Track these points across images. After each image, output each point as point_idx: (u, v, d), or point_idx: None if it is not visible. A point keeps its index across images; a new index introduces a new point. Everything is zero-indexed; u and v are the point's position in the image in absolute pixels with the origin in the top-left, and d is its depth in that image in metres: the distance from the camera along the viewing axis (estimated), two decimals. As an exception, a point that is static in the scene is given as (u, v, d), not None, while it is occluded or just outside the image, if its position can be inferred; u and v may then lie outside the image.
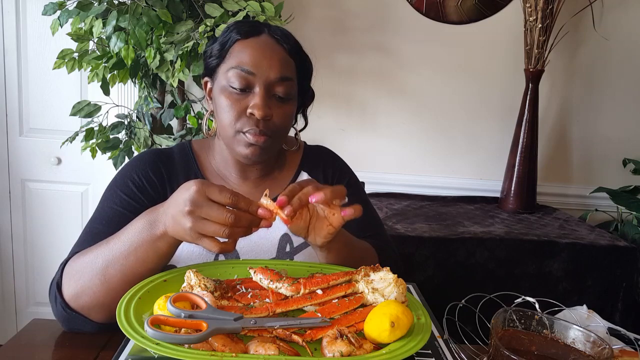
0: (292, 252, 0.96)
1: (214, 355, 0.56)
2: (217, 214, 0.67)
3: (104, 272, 0.75)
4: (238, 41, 0.91)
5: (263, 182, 1.01)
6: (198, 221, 0.68)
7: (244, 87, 0.88)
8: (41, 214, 2.26)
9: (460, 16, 2.11)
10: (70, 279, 0.78)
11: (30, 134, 2.21)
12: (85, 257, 0.78)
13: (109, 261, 0.76)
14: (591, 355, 0.62)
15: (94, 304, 0.77)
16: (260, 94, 0.88)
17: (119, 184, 0.95)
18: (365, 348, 0.62)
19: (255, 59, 0.89)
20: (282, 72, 0.90)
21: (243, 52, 0.89)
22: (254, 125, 0.88)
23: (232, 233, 0.69)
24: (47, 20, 1.73)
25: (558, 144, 2.23)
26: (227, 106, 0.89)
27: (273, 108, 0.89)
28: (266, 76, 0.88)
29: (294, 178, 1.03)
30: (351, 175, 1.10)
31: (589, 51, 2.15)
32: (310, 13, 2.10)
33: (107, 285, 0.75)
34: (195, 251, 0.92)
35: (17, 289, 2.32)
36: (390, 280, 0.71)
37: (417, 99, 2.18)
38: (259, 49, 0.90)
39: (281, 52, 0.91)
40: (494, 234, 1.75)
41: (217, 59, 0.93)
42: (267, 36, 0.92)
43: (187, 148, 1.02)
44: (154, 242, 0.74)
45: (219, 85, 0.92)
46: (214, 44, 0.94)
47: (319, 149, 1.11)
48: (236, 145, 0.91)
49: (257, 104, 0.87)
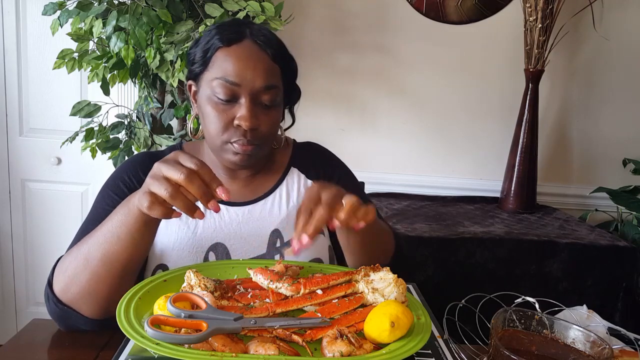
0: (282, 247, 0.96)
1: (214, 355, 0.56)
2: (172, 170, 0.66)
3: (86, 257, 0.76)
4: (220, 49, 0.89)
5: (252, 181, 1.01)
6: (154, 177, 0.68)
7: (229, 98, 0.88)
8: (41, 214, 2.26)
9: (460, 16, 2.11)
10: (59, 273, 0.80)
11: (30, 134, 2.21)
12: (74, 249, 0.80)
13: (90, 245, 0.77)
14: (591, 355, 0.62)
15: (81, 293, 0.77)
16: (246, 104, 0.87)
17: (110, 185, 0.96)
18: (365, 348, 0.62)
19: (240, 70, 0.87)
20: (267, 80, 0.88)
21: (226, 62, 0.87)
22: (241, 136, 0.88)
23: (174, 194, 0.66)
24: (47, 20, 1.73)
25: (558, 144, 2.23)
26: (213, 117, 0.88)
27: (259, 116, 0.89)
28: (251, 86, 0.87)
29: (283, 175, 1.03)
30: (341, 167, 1.10)
31: (589, 51, 2.15)
32: (310, 13, 2.10)
33: (90, 269, 0.76)
34: (185, 249, 0.92)
35: (17, 289, 2.32)
36: (390, 280, 0.71)
37: (417, 99, 2.18)
38: (243, 59, 0.87)
39: (265, 59, 0.89)
40: (494, 234, 1.75)
41: (201, 66, 0.91)
42: (249, 42, 0.89)
43: (178, 150, 1.02)
44: (125, 217, 0.74)
45: (204, 94, 0.91)
46: (197, 48, 0.92)
47: (308, 145, 1.11)
48: (224, 154, 0.91)
49: (244, 115, 0.86)
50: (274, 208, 0.99)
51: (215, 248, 0.94)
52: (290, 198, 1.01)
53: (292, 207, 1.00)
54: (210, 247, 0.94)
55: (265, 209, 0.99)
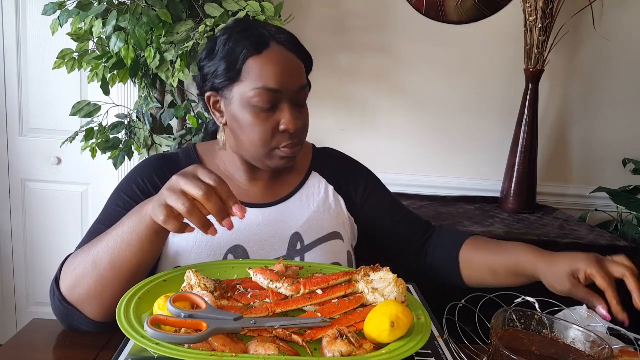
0: (303, 250, 0.95)
1: (214, 355, 0.56)
2: (191, 186, 0.67)
3: (95, 259, 0.77)
4: (251, 58, 0.88)
5: (273, 184, 1.01)
6: (171, 191, 0.68)
7: (271, 106, 0.88)
8: (41, 214, 2.26)
9: (460, 16, 2.11)
10: (67, 272, 0.80)
11: (30, 134, 2.21)
12: (84, 250, 0.80)
13: (100, 248, 0.77)
14: (591, 355, 0.62)
15: (87, 295, 0.77)
16: (288, 109, 0.89)
17: (123, 187, 0.96)
18: (365, 348, 0.62)
19: (278, 77, 0.87)
20: (301, 80, 0.91)
21: (263, 71, 0.87)
22: (289, 140, 0.90)
23: (191, 210, 0.67)
24: (47, 20, 1.73)
25: (558, 144, 2.23)
26: (256, 125, 0.88)
27: (299, 117, 0.91)
28: (291, 90, 0.89)
29: (305, 179, 1.03)
30: (367, 173, 1.12)
31: (589, 51, 2.15)
32: (310, 13, 2.10)
33: (98, 272, 0.76)
34: (203, 251, 0.92)
35: (17, 289, 2.32)
36: (390, 280, 0.71)
37: (417, 99, 2.18)
38: (277, 64, 0.88)
39: (294, 60, 0.91)
40: (494, 234, 1.74)
41: (229, 79, 0.89)
42: (276, 45, 0.89)
43: (192, 152, 1.02)
44: (137, 225, 0.75)
45: (239, 104, 0.89)
46: (215, 61, 0.91)
47: (327, 150, 1.12)
48: (269, 160, 0.92)
49: (289, 119, 0.88)
50: (295, 211, 0.98)
51: (235, 250, 0.92)
52: (310, 201, 1.00)
53: (313, 212, 0.99)
54: (230, 249, 0.92)
55: (287, 212, 0.98)
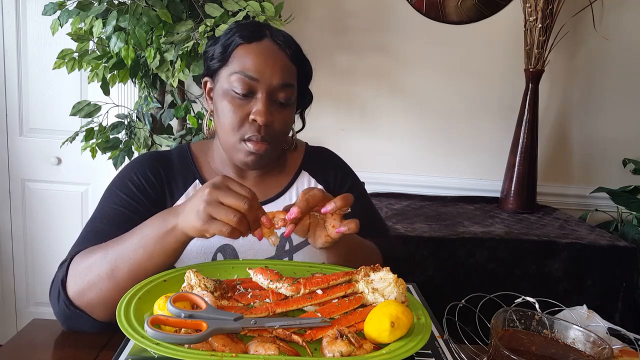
0: (291, 250, 0.96)
1: (214, 355, 0.56)
2: (234, 199, 0.70)
3: (113, 267, 0.76)
4: (241, 45, 0.91)
5: (262, 182, 1.01)
6: (213, 204, 0.70)
7: (246, 93, 0.89)
8: (41, 214, 2.26)
9: (460, 16, 2.11)
10: (77, 275, 0.79)
11: (30, 134, 2.21)
12: (95, 254, 0.79)
13: (118, 255, 0.77)
14: (591, 355, 0.62)
15: (100, 300, 0.77)
16: (262, 100, 0.88)
17: (118, 184, 0.96)
18: (365, 348, 0.62)
19: (259, 65, 0.89)
20: (284, 78, 0.90)
21: (246, 57, 0.89)
22: (256, 132, 0.89)
23: (242, 220, 0.70)
24: (47, 20, 1.73)
25: (558, 144, 2.23)
26: (229, 111, 0.89)
27: (274, 114, 0.90)
28: (269, 82, 0.89)
29: (294, 178, 1.03)
30: (354, 177, 1.10)
31: (589, 51, 2.15)
32: (310, 13, 2.10)
33: (114, 280, 0.76)
34: (193, 250, 0.92)
35: (17, 289, 2.32)
36: (390, 280, 0.71)
37: (417, 99, 2.18)
38: (262, 55, 0.90)
39: (283, 58, 0.91)
40: (494, 234, 1.75)
41: (220, 61, 0.92)
42: (269, 41, 0.92)
43: (186, 150, 1.02)
44: (162, 237, 0.75)
45: (220, 89, 0.92)
46: (216, 46, 0.94)
47: (320, 149, 1.11)
48: (236, 153, 0.92)
49: (260, 110, 0.88)
50: None
51: (224, 249, 0.94)
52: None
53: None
54: (219, 248, 0.94)
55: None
